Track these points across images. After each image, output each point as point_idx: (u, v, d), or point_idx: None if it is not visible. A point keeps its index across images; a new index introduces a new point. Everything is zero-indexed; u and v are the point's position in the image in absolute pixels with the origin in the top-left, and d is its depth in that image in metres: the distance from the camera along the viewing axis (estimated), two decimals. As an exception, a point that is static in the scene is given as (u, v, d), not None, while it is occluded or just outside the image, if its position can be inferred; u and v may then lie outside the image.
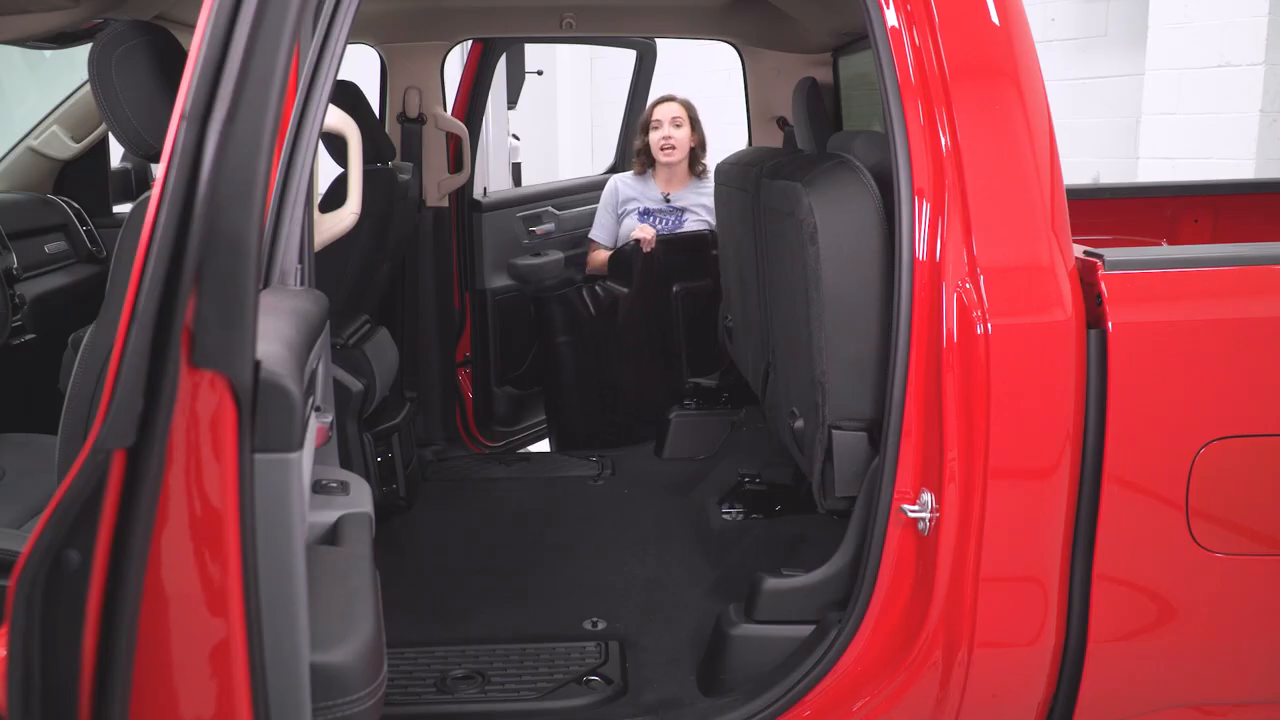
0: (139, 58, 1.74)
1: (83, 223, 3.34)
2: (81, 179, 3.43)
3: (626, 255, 3.77)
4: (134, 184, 3.62)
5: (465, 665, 2.22)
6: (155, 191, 1.09)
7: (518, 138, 7.35)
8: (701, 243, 3.76)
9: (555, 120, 11.04)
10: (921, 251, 1.76)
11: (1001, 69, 1.76)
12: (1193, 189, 3.27)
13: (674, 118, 3.82)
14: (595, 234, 3.99)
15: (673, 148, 3.82)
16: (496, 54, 3.98)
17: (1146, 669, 1.83)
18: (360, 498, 1.64)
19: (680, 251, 3.76)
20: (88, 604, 1.08)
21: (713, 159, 3.26)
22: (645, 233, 3.74)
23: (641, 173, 3.95)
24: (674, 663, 2.23)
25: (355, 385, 2.59)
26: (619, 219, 3.93)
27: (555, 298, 3.83)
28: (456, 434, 3.88)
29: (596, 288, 3.81)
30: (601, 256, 3.90)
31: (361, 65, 3.07)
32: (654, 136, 3.84)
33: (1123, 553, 1.76)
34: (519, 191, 4.70)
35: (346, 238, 1.88)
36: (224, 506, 1.12)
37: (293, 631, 1.21)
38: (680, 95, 3.92)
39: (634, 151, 3.99)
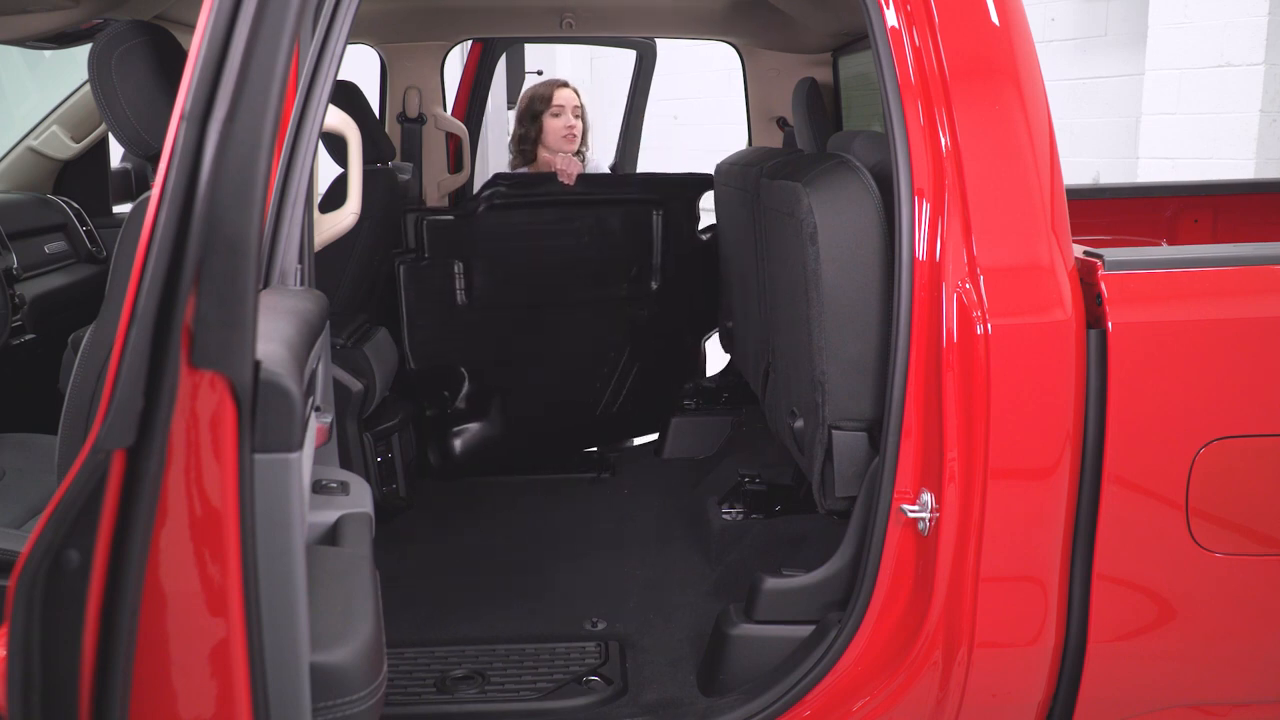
0: (139, 58, 1.74)
1: (83, 223, 3.33)
2: (81, 179, 3.42)
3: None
4: (134, 184, 3.61)
5: (465, 665, 2.22)
6: (155, 191, 1.09)
7: (518, 138, 7.33)
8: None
9: (555, 120, 11.01)
10: (921, 251, 1.76)
11: (1001, 69, 1.76)
12: (1193, 189, 3.26)
13: (576, 107, 3.70)
14: None
15: (576, 137, 3.70)
16: (496, 54, 3.97)
17: (1146, 669, 1.83)
18: (360, 498, 1.64)
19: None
20: (88, 604, 1.08)
21: (713, 159, 3.25)
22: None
23: (522, 165, 3.73)
24: (674, 663, 2.23)
25: (355, 385, 2.59)
26: None
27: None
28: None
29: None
30: None
31: (361, 65, 3.06)
32: (556, 123, 3.68)
33: (1123, 553, 1.76)
34: (519, 191, 4.68)
35: (346, 238, 1.89)
36: (224, 506, 1.12)
37: (293, 631, 1.20)
38: (571, 81, 3.79)
39: (520, 140, 3.72)
